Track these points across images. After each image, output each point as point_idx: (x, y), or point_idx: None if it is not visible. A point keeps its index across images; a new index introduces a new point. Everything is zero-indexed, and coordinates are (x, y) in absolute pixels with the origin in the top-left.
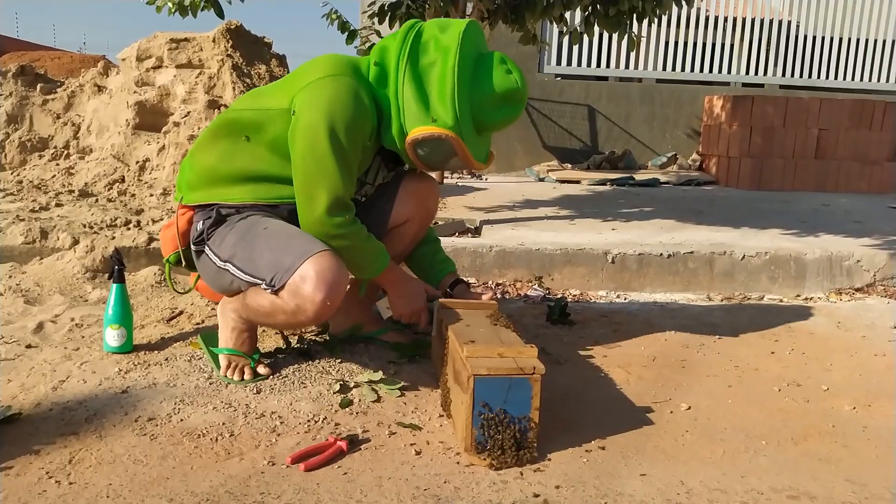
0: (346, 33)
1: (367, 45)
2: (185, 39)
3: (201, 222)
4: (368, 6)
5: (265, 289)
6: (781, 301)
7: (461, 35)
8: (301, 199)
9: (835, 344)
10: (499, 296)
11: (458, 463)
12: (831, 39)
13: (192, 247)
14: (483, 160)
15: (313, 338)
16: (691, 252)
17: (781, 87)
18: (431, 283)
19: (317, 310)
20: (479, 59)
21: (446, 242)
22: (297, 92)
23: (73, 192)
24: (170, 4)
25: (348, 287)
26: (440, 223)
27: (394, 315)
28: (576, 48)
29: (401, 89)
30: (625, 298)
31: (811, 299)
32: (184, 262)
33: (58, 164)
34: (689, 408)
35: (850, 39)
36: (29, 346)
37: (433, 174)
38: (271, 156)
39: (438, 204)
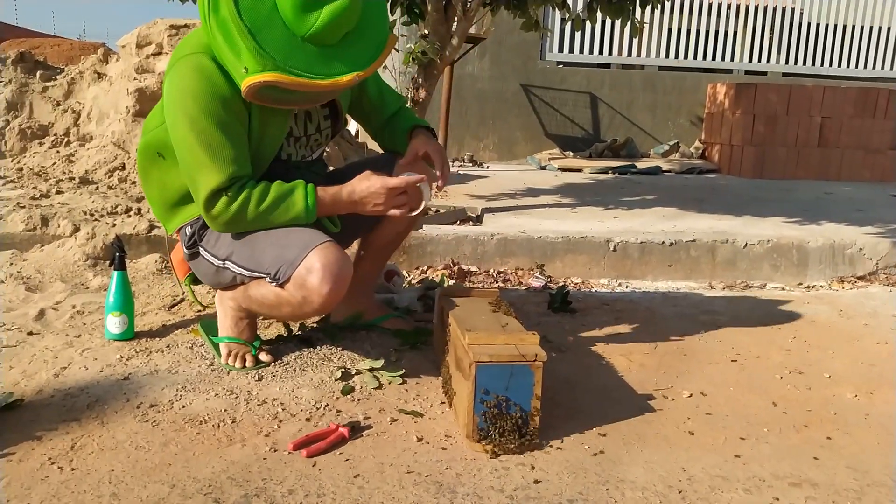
0: None
1: None
2: (185, 26)
3: (189, 227)
4: None
5: (270, 282)
6: (783, 289)
7: None
8: (191, 190)
9: (837, 332)
10: (500, 283)
11: (459, 450)
12: (835, 27)
13: (186, 251)
14: (360, 65)
15: (314, 325)
16: (693, 240)
17: (784, 74)
18: (399, 150)
19: (323, 301)
20: None
21: (448, 230)
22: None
23: (74, 179)
24: None
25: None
26: (441, 211)
27: (384, 213)
28: (577, 35)
29: (214, 44)
30: (626, 286)
31: (813, 287)
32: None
33: (58, 152)
34: (691, 395)
35: (853, 27)
36: (30, 333)
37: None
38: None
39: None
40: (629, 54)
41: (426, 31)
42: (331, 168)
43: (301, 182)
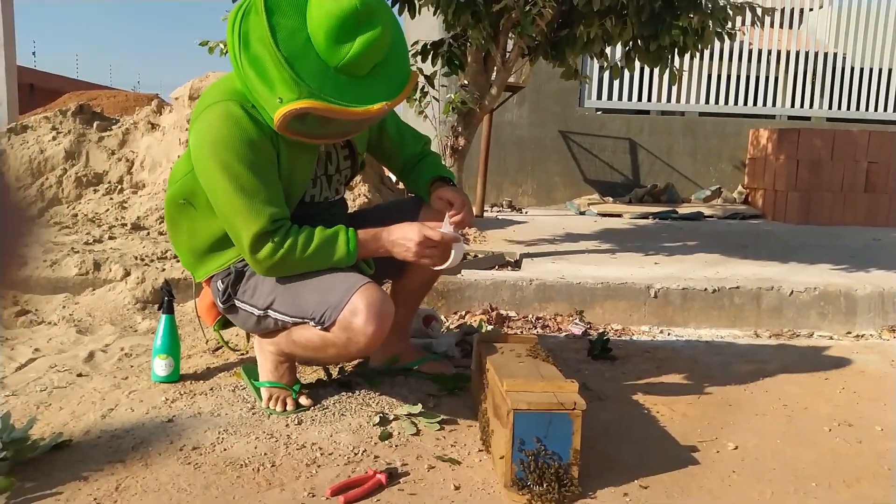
0: None
1: None
2: None
3: (220, 281)
4: (412, 45)
5: (314, 326)
6: (831, 338)
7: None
8: (231, 236)
9: (888, 383)
10: (538, 330)
11: (497, 499)
12: (879, 71)
13: (221, 305)
14: (388, 95)
15: (353, 369)
16: (737, 287)
17: (828, 119)
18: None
19: (368, 340)
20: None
21: (486, 275)
22: (190, 143)
23: (126, 225)
24: (221, 46)
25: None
26: (480, 256)
27: (410, 260)
28: (616, 82)
29: (246, 81)
30: (668, 334)
31: (862, 336)
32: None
33: (111, 199)
34: (737, 447)
35: None
36: (80, 375)
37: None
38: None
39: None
40: (669, 101)
41: (466, 82)
42: (351, 210)
43: (342, 227)
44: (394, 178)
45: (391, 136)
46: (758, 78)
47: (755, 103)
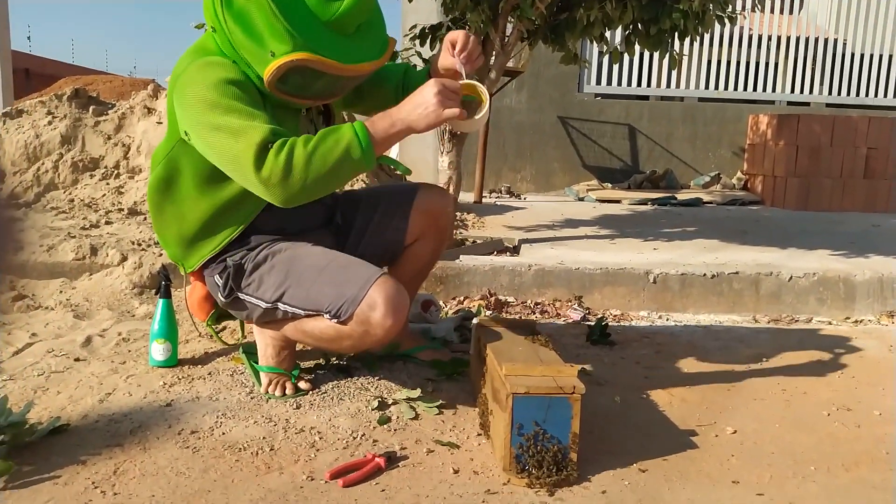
0: None
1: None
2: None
3: (217, 276)
4: (410, 29)
5: (330, 319)
6: (830, 323)
7: None
8: (237, 176)
9: (886, 368)
10: (537, 315)
11: (496, 482)
12: (880, 57)
13: (223, 300)
14: (374, 55)
15: (351, 354)
16: (736, 272)
17: (828, 105)
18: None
19: (386, 332)
20: None
21: (485, 261)
22: (172, 109)
23: (123, 210)
24: None
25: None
26: (478, 242)
27: (435, 120)
28: (616, 67)
29: (231, 38)
30: (667, 319)
31: (861, 322)
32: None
33: (108, 184)
34: (735, 431)
35: None
36: (77, 360)
37: (444, 191)
38: (201, 193)
39: (453, 221)
40: (668, 86)
41: None
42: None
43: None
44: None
45: (369, 79)
46: (758, 63)
47: (755, 89)
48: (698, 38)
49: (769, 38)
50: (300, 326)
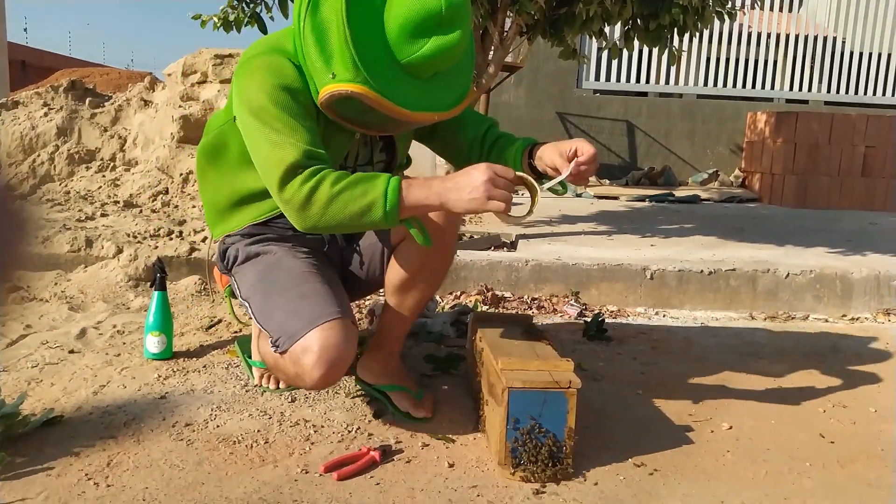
0: None
1: None
2: (230, 55)
3: (229, 249)
4: None
5: (271, 346)
6: (827, 321)
7: None
8: (264, 180)
9: (882, 365)
10: (534, 310)
11: (491, 477)
12: (879, 55)
13: (223, 271)
14: (444, 106)
15: None
16: (733, 269)
17: (826, 103)
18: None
19: (314, 384)
20: None
21: (482, 256)
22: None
23: (119, 202)
24: (214, 20)
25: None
26: (475, 237)
27: (473, 209)
28: (614, 63)
29: (302, 48)
30: (664, 315)
31: (857, 319)
32: None
33: (104, 176)
34: (731, 427)
35: None
36: (72, 352)
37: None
38: (243, 171)
39: (456, 235)
40: (667, 82)
41: None
42: None
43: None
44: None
45: (446, 122)
46: (756, 61)
47: (753, 86)
48: (697, 35)
49: (768, 36)
50: (258, 339)
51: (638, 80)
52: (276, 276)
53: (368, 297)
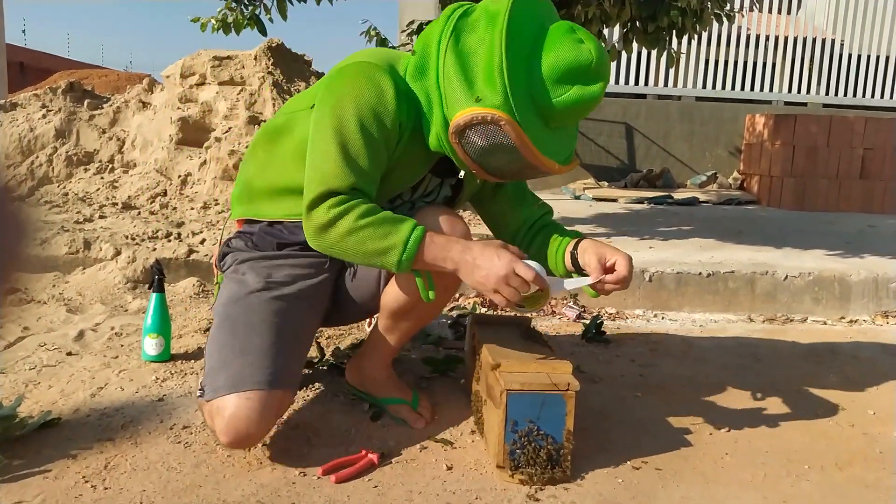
0: None
1: None
2: (228, 57)
3: (229, 246)
4: (407, 25)
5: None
6: (825, 323)
7: (510, 2)
8: (304, 185)
9: (880, 368)
10: (532, 313)
11: (489, 479)
12: (877, 58)
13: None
14: (560, 159)
15: (347, 352)
16: (732, 271)
17: (825, 105)
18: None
19: (224, 445)
20: (542, 31)
21: None
22: (320, 85)
23: (117, 204)
24: (213, 22)
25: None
26: (474, 239)
27: (486, 299)
28: (613, 65)
29: (441, 72)
30: (662, 318)
31: (856, 322)
32: None
33: (102, 178)
34: (729, 430)
35: (895, 58)
36: (70, 354)
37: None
38: (294, 164)
39: (461, 280)
40: (666, 85)
41: None
42: None
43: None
44: None
45: (509, 193)
46: (755, 63)
47: (752, 88)
48: (696, 37)
49: (767, 38)
50: None
51: (637, 83)
52: (237, 314)
53: None
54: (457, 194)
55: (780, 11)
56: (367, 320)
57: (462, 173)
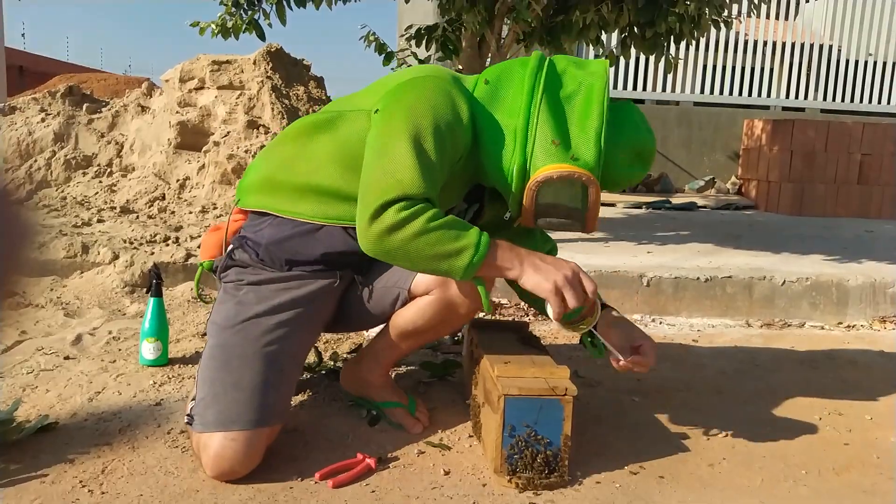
0: (384, 55)
1: (404, 66)
2: (227, 62)
3: (229, 258)
4: (406, 29)
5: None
6: (823, 328)
7: (606, 72)
8: (360, 191)
9: (878, 373)
10: (530, 317)
11: (487, 484)
12: (875, 63)
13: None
14: (595, 221)
15: (345, 356)
16: (729, 276)
17: (823, 111)
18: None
19: (211, 477)
20: (613, 105)
21: None
22: (386, 92)
23: (115, 208)
24: (213, 27)
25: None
26: None
27: (554, 308)
28: (611, 71)
29: (534, 120)
30: (660, 322)
31: (853, 327)
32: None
33: (101, 182)
34: (727, 434)
35: (893, 63)
36: (67, 358)
37: None
38: (331, 165)
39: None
40: (664, 90)
41: (460, 67)
42: None
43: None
44: None
45: (519, 226)
46: (753, 68)
47: (750, 94)
48: (694, 43)
49: (764, 44)
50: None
51: (635, 88)
52: (232, 343)
53: None
54: (475, 220)
55: (777, 17)
56: None
57: (484, 199)
